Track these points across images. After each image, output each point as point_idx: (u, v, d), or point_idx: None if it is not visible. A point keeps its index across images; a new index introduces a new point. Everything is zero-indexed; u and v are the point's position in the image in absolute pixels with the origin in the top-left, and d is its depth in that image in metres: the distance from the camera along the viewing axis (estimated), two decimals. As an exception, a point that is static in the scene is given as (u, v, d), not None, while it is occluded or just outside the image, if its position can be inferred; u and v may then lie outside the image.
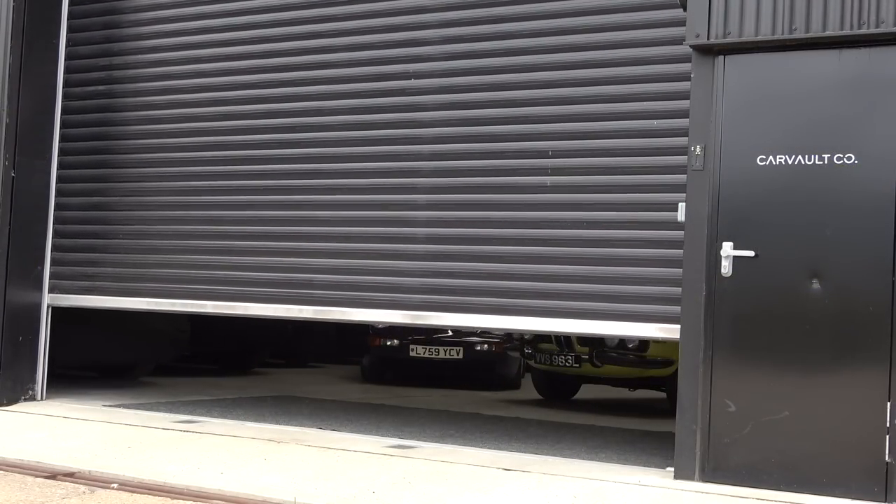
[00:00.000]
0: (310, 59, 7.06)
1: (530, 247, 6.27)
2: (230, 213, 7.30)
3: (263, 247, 7.14)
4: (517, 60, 6.41)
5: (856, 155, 5.15)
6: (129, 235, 7.72)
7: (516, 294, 6.28)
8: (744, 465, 5.25)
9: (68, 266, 7.90)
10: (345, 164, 6.92)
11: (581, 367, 9.60)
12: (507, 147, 6.41)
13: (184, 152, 7.53)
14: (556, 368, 9.93)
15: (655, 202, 5.93)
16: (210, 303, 7.36)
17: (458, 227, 6.51)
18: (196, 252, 7.40)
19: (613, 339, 9.27)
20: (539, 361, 10.05)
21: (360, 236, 6.80)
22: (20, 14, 7.61)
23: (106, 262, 7.81)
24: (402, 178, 6.73)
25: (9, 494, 4.90)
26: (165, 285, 7.50)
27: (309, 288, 6.94)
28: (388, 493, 5.10)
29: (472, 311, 6.43)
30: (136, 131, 7.78)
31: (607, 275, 6.03)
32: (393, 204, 6.73)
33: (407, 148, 6.73)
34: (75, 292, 7.88)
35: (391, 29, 6.81)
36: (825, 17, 5.19)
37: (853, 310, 5.10)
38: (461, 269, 6.46)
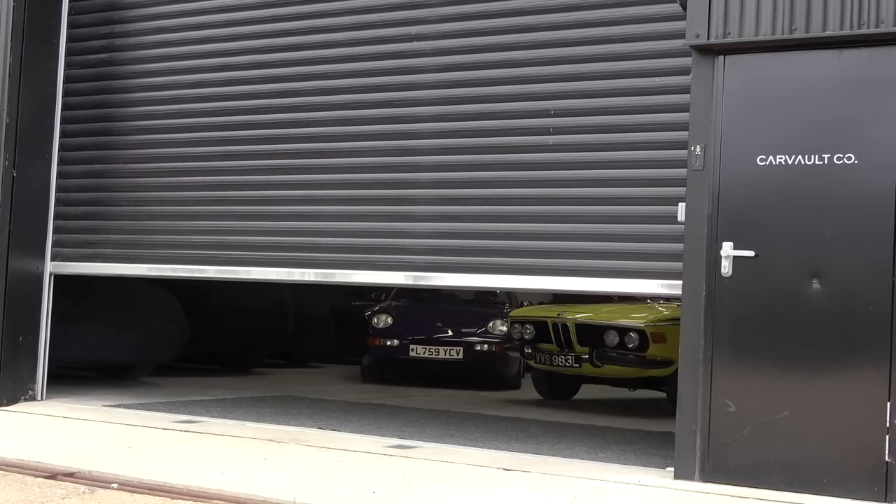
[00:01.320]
0: (316, 39, 7.09)
1: (534, 206, 6.31)
2: (233, 179, 7.33)
3: (266, 211, 7.17)
4: (518, 21, 6.44)
5: (856, 155, 5.15)
6: (132, 202, 7.75)
7: (520, 253, 6.32)
8: (744, 465, 5.25)
9: (70, 234, 7.93)
10: (347, 128, 6.95)
11: (581, 367, 9.51)
12: (509, 107, 6.44)
13: (186, 118, 7.56)
14: (557, 368, 9.86)
15: (657, 159, 5.96)
16: (212, 268, 7.39)
17: (461, 188, 6.55)
18: (199, 217, 7.43)
19: (612, 340, 9.22)
20: (539, 361, 9.97)
21: (364, 199, 6.84)
22: (20, 14, 7.61)
23: (108, 229, 7.84)
24: (403, 140, 6.77)
25: (9, 494, 4.90)
26: (167, 251, 7.53)
27: (312, 251, 6.98)
28: (388, 493, 5.10)
29: (476, 272, 6.47)
30: (139, 98, 7.81)
31: (611, 232, 6.08)
32: (395, 166, 6.77)
33: (408, 111, 6.76)
34: (77, 259, 7.90)
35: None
36: (825, 17, 5.20)
37: (853, 310, 5.10)
38: (465, 230, 6.50)
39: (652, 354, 9.15)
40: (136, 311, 9.65)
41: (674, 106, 5.87)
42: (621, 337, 9.23)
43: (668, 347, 9.04)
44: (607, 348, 9.31)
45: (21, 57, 7.63)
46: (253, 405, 8.36)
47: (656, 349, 9.13)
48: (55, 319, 8.12)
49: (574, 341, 9.52)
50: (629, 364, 9.31)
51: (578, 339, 9.49)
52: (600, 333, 9.35)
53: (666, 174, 5.90)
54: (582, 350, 9.46)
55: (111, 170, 7.88)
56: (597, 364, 9.37)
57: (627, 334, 9.19)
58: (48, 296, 7.90)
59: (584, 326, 9.51)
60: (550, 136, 6.30)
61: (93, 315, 9.11)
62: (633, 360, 9.27)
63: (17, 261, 7.67)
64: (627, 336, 9.19)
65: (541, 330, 9.88)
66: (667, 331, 9.12)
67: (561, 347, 9.66)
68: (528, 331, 10.00)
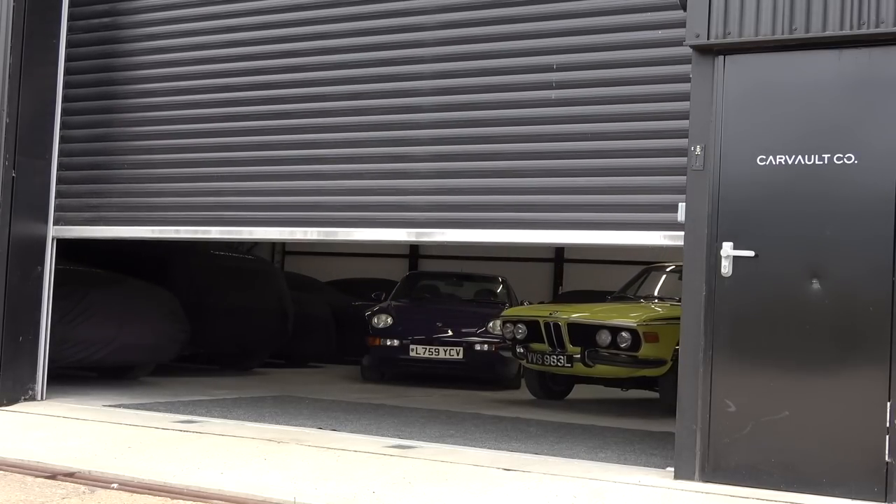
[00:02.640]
0: None
1: (536, 160, 6.34)
2: (235, 140, 7.36)
3: (268, 171, 7.21)
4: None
5: (856, 155, 5.15)
6: (135, 165, 7.77)
7: (522, 208, 6.35)
8: (744, 464, 5.25)
9: (73, 198, 7.95)
10: (348, 87, 6.99)
11: (573, 367, 9.42)
12: (510, 63, 6.47)
13: (189, 81, 7.59)
14: (548, 368, 9.79)
15: (658, 112, 5.98)
16: (215, 228, 7.43)
17: (461, 145, 6.58)
18: (201, 179, 7.46)
19: (604, 339, 9.13)
20: (531, 361, 9.88)
21: (365, 157, 6.87)
22: (20, 14, 7.61)
23: (111, 192, 7.87)
24: (405, 97, 6.80)
25: (9, 494, 4.90)
26: (170, 213, 7.57)
27: (314, 210, 7.02)
28: (388, 493, 5.10)
29: (478, 227, 6.50)
30: (141, 62, 7.84)
31: (613, 185, 6.10)
32: (397, 124, 6.80)
33: (409, 69, 6.79)
34: (80, 223, 7.92)
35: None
36: (825, 17, 5.20)
37: (853, 310, 5.10)
38: (467, 186, 6.53)
39: (644, 354, 9.06)
40: (136, 311, 9.65)
41: (675, 59, 5.86)
42: (613, 336, 9.14)
43: (660, 347, 9.00)
44: (599, 348, 9.23)
45: (21, 57, 7.63)
46: (253, 405, 8.35)
47: (648, 349, 9.05)
48: (55, 319, 8.12)
49: (566, 341, 9.45)
50: (621, 364, 9.22)
51: (570, 339, 9.42)
52: (592, 333, 9.27)
53: (667, 126, 5.92)
54: (574, 350, 9.38)
55: (114, 133, 7.91)
56: (588, 364, 9.29)
57: (619, 334, 9.10)
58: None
59: (576, 326, 9.43)
60: (552, 91, 6.34)
61: (93, 315, 9.10)
62: (625, 360, 9.17)
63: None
64: (619, 336, 9.10)
65: (533, 330, 9.81)
66: (659, 330, 9.07)
67: (553, 347, 9.57)
68: (521, 330, 9.93)
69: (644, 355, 9.07)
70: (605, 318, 9.34)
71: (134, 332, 9.57)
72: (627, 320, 9.17)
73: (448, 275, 14.76)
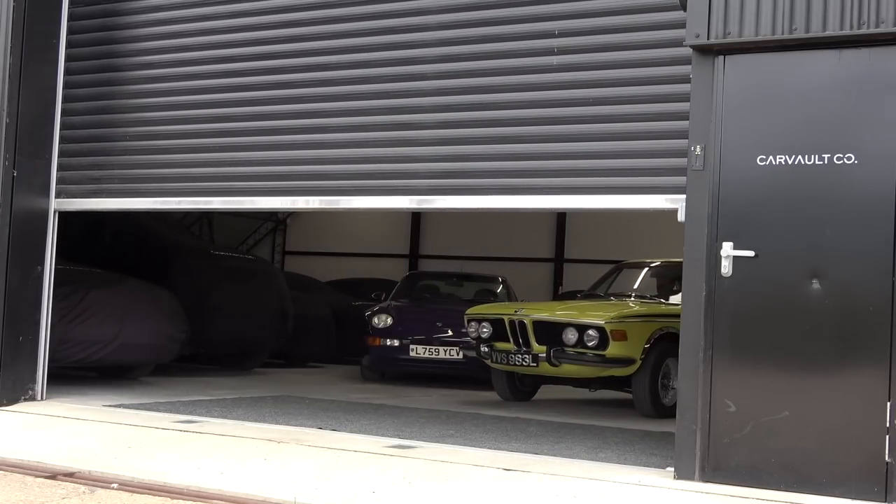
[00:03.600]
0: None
1: (538, 126, 6.36)
2: (238, 110, 7.39)
3: (271, 141, 7.23)
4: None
5: (856, 155, 5.15)
6: (136, 137, 7.80)
7: (525, 174, 6.37)
8: (744, 465, 5.25)
9: (74, 170, 7.97)
10: (352, 56, 7.00)
11: (539, 367, 9.10)
12: (512, 30, 6.49)
13: (190, 52, 7.61)
14: (514, 368, 9.47)
15: (659, 76, 6.00)
16: (217, 199, 7.47)
17: (464, 112, 6.61)
18: (204, 150, 7.49)
19: (571, 338, 8.86)
20: (496, 361, 9.52)
21: (367, 125, 6.90)
22: (20, 14, 7.61)
23: (112, 164, 7.89)
24: (408, 65, 6.82)
25: (9, 494, 4.89)
26: (172, 184, 7.59)
27: (316, 179, 7.05)
28: (388, 493, 5.10)
29: (481, 193, 6.52)
30: (144, 34, 7.86)
31: (615, 150, 6.12)
32: (400, 92, 6.82)
33: (413, 36, 6.81)
34: (82, 196, 7.95)
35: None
36: (825, 17, 5.20)
37: (853, 310, 5.10)
38: (469, 153, 6.56)
39: (612, 353, 8.79)
40: (136, 311, 9.65)
41: (676, 23, 5.85)
42: (580, 335, 8.88)
43: (628, 346, 8.80)
44: (565, 347, 8.95)
45: (21, 57, 7.63)
46: (253, 405, 8.35)
47: (616, 347, 8.78)
48: (55, 319, 8.12)
49: (532, 339, 9.16)
50: (588, 363, 8.94)
51: (536, 338, 9.14)
52: (559, 331, 9.01)
53: (668, 90, 5.93)
54: (540, 349, 9.06)
55: (116, 105, 7.93)
56: (554, 363, 9.00)
57: (586, 332, 8.85)
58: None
59: (542, 324, 9.16)
60: (554, 57, 6.36)
61: (93, 315, 9.11)
62: (592, 360, 8.88)
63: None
64: (586, 334, 8.85)
65: (498, 328, 9.52)
66: (628, 328, 8.85)
67: (518, 346, 9.25)
68: (485, 329, 9.65)
69: (612, 354, 8.79)
70: (571, 316, 9.11)
71: (134, 332, 9.58)
72: (594, 318, 8.93)
73: (448, 275, 14.76)
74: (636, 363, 8.86)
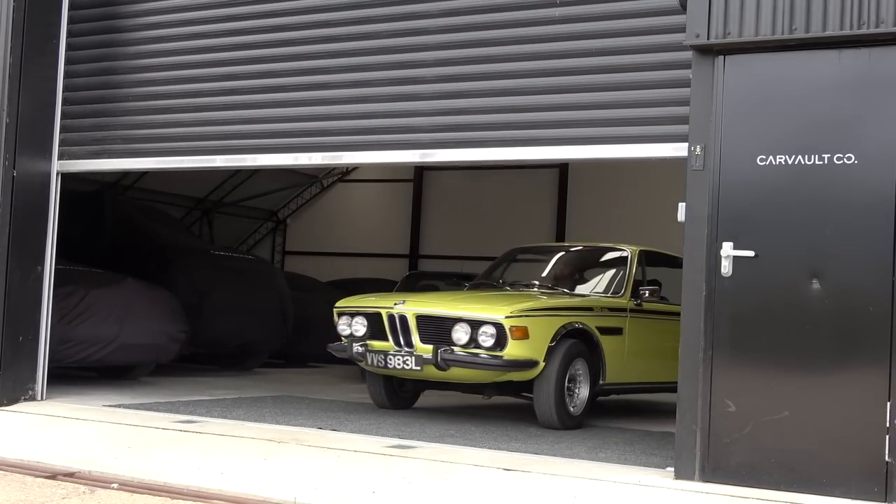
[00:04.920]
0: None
1: (541, 78, 6.39)
2: (240, 69, 7.43)
3: (273, 98, 7.28)
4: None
5: (856, 155, 5.15)
6: (139, 97, 7.82)
7: (527, 125, 6.40)
8: (744, 465, 5.25)
9: (77, 132, 7.99)
10: (353, 12, 7.05)
11: (423, 371, 7.60)
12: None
13: (193, 12, 7.63)
14: (392, 372, 7.90)
15: (660, 26, 6.01)
16: (220, 157, 7.50)
17: (468, 65, 6.64)
18: (206, 109, 7.53)
19: (462, 336, 7.43)
20: (372, 364, 7.92)
21: (370, 81, 6.94)
22: (20, 14, 7.62)
23: (115, 125, 7.92)
24: (409, 21, 6.85)
25: (9, 494, 4.90)
26: (175, 144, 7.63)
27: (319, 135, 7.10)
28: (388, 493, 5.10)
29: (484, 146, 6.55)
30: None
31: (618, 100, 6.15)
32: (402, 47, 6.86)
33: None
34: (85, 157, 7.97)
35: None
36: (825, 17, 5.20)
37: (853, 310, 5.10)
38: (472, 106, 6.59)
39: (511, 354, 7.39)
40: (136, 311, 9.65)
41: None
42: (473, 332, 7.45)
43: (531, 345, 7.45)
44: (456, 346, 7.48)
45: (21, 57, 7.63)
46: (253, 405, 8.35)
47: (516, 347, 7.39)
48: (55, 319, 8.12)
49: (415, 338, 7.69)
50: (483, 366, 7.46)
51: (420, 336, 7.67)
52: (447, 328, 7.56)
53: (669, 40, 5.94)
54: (424, 349, 7.59)
55: (118, 66, 7.95)
56: (442, 367, 7.50)
57: (481, 329, 7.42)
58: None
59: (428, 319, 7.68)
60: (556, 9, 6.38)
61: (93, 315, 9.11)
62: (487, 362, 7.42)
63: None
64: (481, 331, 7.41)
65: (374, 324, 7.99)
66: (530, 324, 7.47)
67: (399, 346, 7.75)
68: (360, 325, 8.09)
69: (511, 355, 7.40)
70: (463, 309, 7.61)
71: (134, 332, 9.58)
72: (491, 311, 7.49)
73: (448, 275, 14.75)
74: (539, 366, 7.55)
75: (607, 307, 8.40)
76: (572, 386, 7.87)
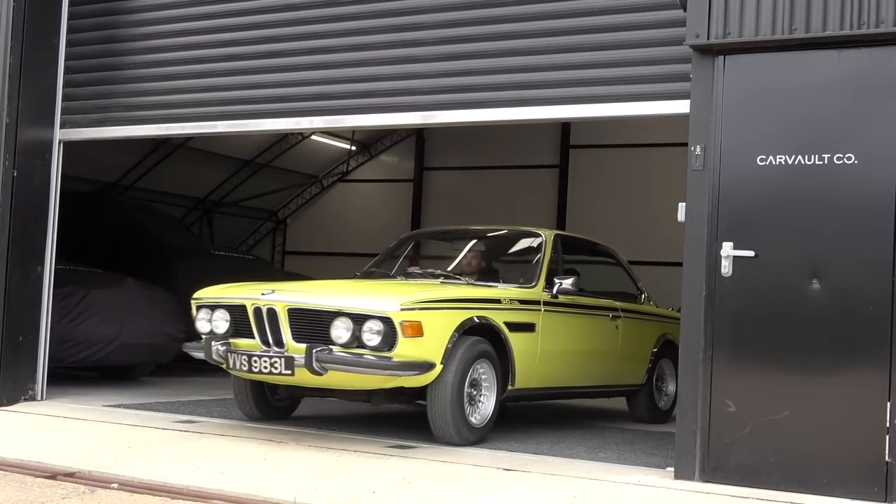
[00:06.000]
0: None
1: (542, 38, 6.42)
2: (242, 35, 7.46)
3: (275, 63, 7.31)
4: None
5: (856, 155, 5.15)
6: (142, 64, 7.85)
7: (530, 85, 6.42)
8: (744, 465, 5.25)
9: (80, 101, 8.02)
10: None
11: (295, 375, 6.21)
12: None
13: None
14: (259, 377, 6.48)
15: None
16: (221, 122, 7.54)
17: (468, 27, 6.67)
18: (209, 75, 7.58)
19: (343, 333, 6.11)
20: (234, 366, 6.50)
21: (371, 44, 6.97)
22: (20, 14, 7.62)
23: (118, 92, 7.95)
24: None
25: (9, 494, 4.89)
26: (177, 110, 7.67)
27: (321, 99, 7.13)
28: (388, 493, 5.10)
29: (486, 106, 6.57)
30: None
31: (621, 59, 6.16)
32: (402, 10, 6.89)
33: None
34: (87, 125, 8.00)
35: None
36: (825, 17, 5.20)
37: (853, 310, 5.10)
38: (474, 67, 6.62)
39: (402, 355, 6.09)
40: (136, 311, 9.65)
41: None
42: (356, 328, 6.12)
43: (425, 344, 6.19)
44: (335, 346, 6.16)
45: (21, 57, 7.63)
46: (253, 405, 8.33)
47: (408, 346, 6.10)
48: (55, 319, 8.12)
49: (286, 335, 6.32)
50: (367, 369, 6.09)
51: (293, 332, 6.30)
52: (325, 323, 6.21)
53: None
54: (297, 349, 6.24)
55: (120, 34, 7.97)
56: (318, 370, 6.11)
57: (365, 324, 6.10)
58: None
59: (301, 312, 6.30)
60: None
61: (93, 315, 9.11)
62: (371, 364, 6.07)
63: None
64: (365, 327, 6.10)
65: (239, 318, 6.60)
66: (425, 318, 6.19)
67: (267, 345, 6.38)
68: (221, 320, 6.72)
69: (402, 356, 6.10)
70: (343, 301, 6.27)
71: (134, 332, 9.58)
72: (378, 304, 6.16)
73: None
74: (436, 368, 6.28)
75: (517, 299, 7.03)
76: (475, 393, 6.61)
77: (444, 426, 6.41)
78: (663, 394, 9.00)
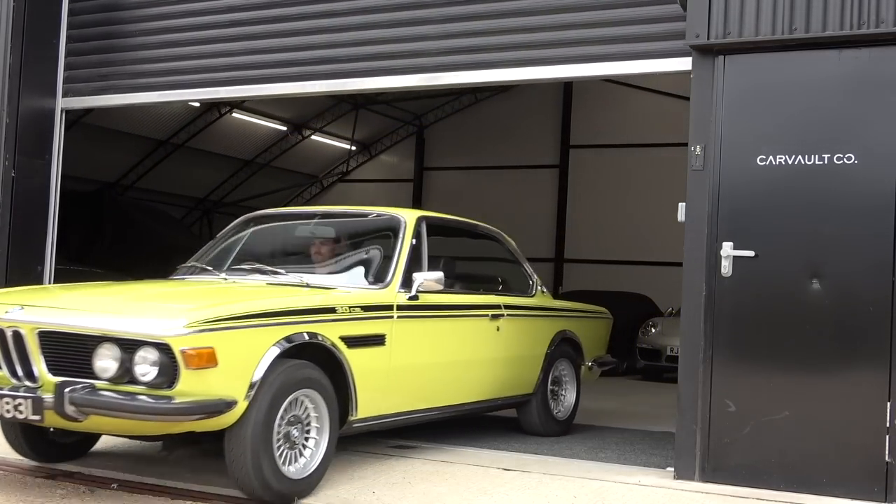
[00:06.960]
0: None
1: None
2: (245, 1, 7.47)
3: (279, 28, 7.33)
4: None
5: (856, 155, 5.15)
6: (145, 32, 7.86)
7: (534, 45, 6.47)
8: (744, 465, 5.25)
9: (82, 69, 8.03)
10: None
11: (44, 420, 4.52)
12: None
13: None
14: (6, 420, 4.75)
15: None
16: (224, 88, 7.56)
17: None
18: (212, 41, 7.59)
19: (108, 364, 4.42)
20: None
21: (376, 7, 7.00)
22: (20, 14, 7.63)
23: (121, 60, 7.95)
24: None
25: (9, 494, 4.89)
26: (180, 77, 7.69)
27: (326, 63, 7.16)
28: (388, 493, 5.10)
29: (491, 67, 6.60)
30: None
31: (623, 17, 6.22)
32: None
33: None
34: (89, 93, 8.01)
35: None
36: (825, 17, 5.20)
37: (853, 310, 5.10)
38: (478, 29, 6.66)
39: (186, 392, 4.37)
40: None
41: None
42: (126, 357, 4.42)
43: (221, 376, 4.46)
44: (99, 381, 4.46)
45: (21, 57, 7.63)
46: (253, 405, 8.33)
47: (195, 381, 4.38)
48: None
49: (38, 366, 4.64)
50: (139, 413, 4.33)
51: (48, 363, 4.62)
52: (90, 349, 4.49)
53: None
54: (49, 383, 4.56)
55: (123, 2, 7.97)
56: (72, 416, 4.42)
57: (137, 353, 4.40)
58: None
59: (56, 336, 4.59)
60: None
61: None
62: (145, 408, 4.31)
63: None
64: (137, 356, 4.40)
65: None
66: (222, 342, 4.46)
67: (17, 377, 4.68)
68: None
69: (186, 395, 4.38)
70: (109, 321, 4.52)
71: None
72: (152, 325, 4.43)
73: None
74: (238, 405, 4.54)
75: (360, 306, 5.32)
76: (296, 433, 4.91)
77: (244, 478, 4.67)
78: (560, 402, 7.36)
